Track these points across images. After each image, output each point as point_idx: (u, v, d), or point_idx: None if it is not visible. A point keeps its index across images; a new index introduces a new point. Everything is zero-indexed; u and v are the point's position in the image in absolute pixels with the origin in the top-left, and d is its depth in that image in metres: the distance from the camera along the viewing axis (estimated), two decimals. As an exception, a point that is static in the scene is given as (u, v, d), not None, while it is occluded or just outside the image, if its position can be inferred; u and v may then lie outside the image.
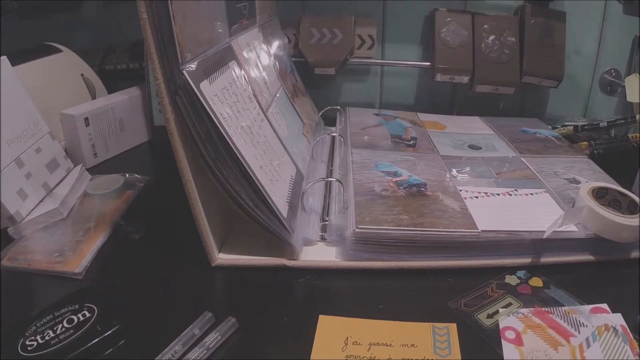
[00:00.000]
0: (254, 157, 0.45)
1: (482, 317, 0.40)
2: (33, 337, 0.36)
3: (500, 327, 0.39)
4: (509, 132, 0.73)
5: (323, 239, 0.50)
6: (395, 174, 0.56)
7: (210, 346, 0.36)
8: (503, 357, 0.36)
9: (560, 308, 0.40)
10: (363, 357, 0.36)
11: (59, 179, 0.60)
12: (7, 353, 0.35)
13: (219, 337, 0.37)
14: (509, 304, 0.41)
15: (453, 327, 0.39)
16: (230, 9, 0.53)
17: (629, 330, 0.38)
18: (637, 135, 0.71)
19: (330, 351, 0.37)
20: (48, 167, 0.58)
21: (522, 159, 0.64)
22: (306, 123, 0.69)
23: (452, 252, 0.46)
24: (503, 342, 0.37)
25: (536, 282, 0.45)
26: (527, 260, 0.47)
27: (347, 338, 0.38)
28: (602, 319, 0.39)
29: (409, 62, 0.85)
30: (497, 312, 0.40)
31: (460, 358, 0.36)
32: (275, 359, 0.37)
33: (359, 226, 0.46)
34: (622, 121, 0.73)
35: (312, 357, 0.36)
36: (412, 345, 0.37)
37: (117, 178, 0.63)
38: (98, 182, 0.62)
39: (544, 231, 0.46)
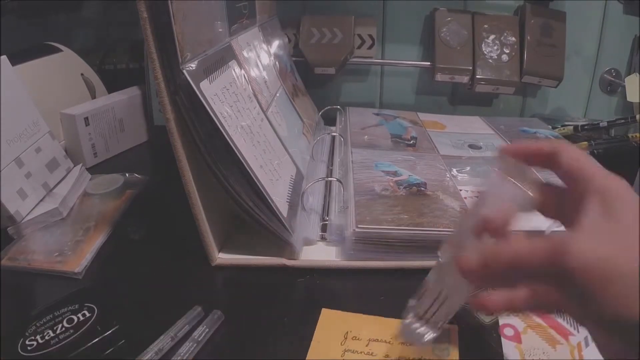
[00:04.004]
0: (254, 157, 0.45)
1: (481, 314, 0.40)
2: (33, 337, 0.36)
3: (500, 325, 0.39)
4: (509, 132, 0.74)
5: (323, 238, 0.50)
6: (395, 174, 0.56)
7: (199, 339, 0.37)
8: (502, 354, 0.36)
9: (560, 308, 0.40)
10: (361, 352, 0.36)
11: (59, 178, 0.60)
12: (7, 353, 0.35)
13: (208, 330, 0.38)
14: (509, 304, 0.41)
15: (454, 329, 0.39)
16: (230, 9, 0.53)
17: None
18: (637, 135, 0.71)
19: (329, 344, 0.37)
20: (48, 166, 0.58)
21: (522, 158, 0.64)
22: (306, 123, 0.69)
23: (452, 251, 0.46)
24: (502, 339, 0.37)
25: (536, 281, 0.44)
26: (527, 260, 0.47)
27: (347, 332, 0.38)
28: (602, 318, 0.39)
29: (409, 62, 0.85)
30: (497, 310, 0.40)
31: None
32: (275, 358, 0.37)
33: (359, 226, 0.46)
34: (622, 121, 0.73)
35: (310, 349, 0.36)
36: (412, 344, 0.37)
37: (117, 178, 0.63)
38: (98, 182, 0.62)
39: (544, 230, 0.46)
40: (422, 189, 0.53)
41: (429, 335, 0.31)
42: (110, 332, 0.37)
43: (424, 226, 0.46)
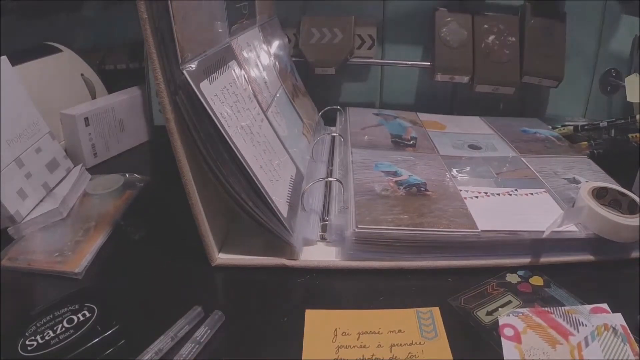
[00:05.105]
0: (254, 157, 0.45)
1: (481, 314, 0.40)
2: (33, 337, 0.36)
3: (499, 325, 0.39)
4: (509, 132, 0.73)
5: (323, 239, 0.50)
6: (395, 174, 0.56)
7: (201, 340, 0.37)
8: (502, 354, 0.36)
9: (560, 308, 0.40)
10: (354, 346, 0.37)
11: (59, 178, 0.60)
12: (7, 353, 0.35)
13: (209, 331, 0.38)
14: (509, 302, 0.42)
15: (436, 310, 0.40)
16: (230, 9, 0.53)
17: (629, 330, 0.38)
18: (637, 135, 0.71)
19: (321, 344, 0.37)
20: (48, 167, 0.58)
21: (522, 158, 0.64)
22: (306, 123, 0.69)
23: (452, 252, 0.46)
24: (502, 339, 0.37)
25: (537, 280, 0.45)
26: (527, 260, 0.47)
27: (336, 329, 0.38)
28: (602, 318, 0.39)
29: (409, 62, 0.85)
30: (496, 309, 0.41)
31: (446, 339, 0.37)
32: (274, 358, 0.37)
33: (359, 226, 0.46)
34: (622, 121, 0.73)
35: (303, 352, 0.37)
36: (400, 330, 0.38)
37: (117, 178, 0.63)
38: (98, 182, 0.62)
39: (544, 231, 0.46)
40: (422, 189, 0.53)
41: None
42: (110, 332, 0.37)
43: (424, 226, 0.46)
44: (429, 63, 0.82)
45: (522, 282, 0.44)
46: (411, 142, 0.68)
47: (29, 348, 0.35)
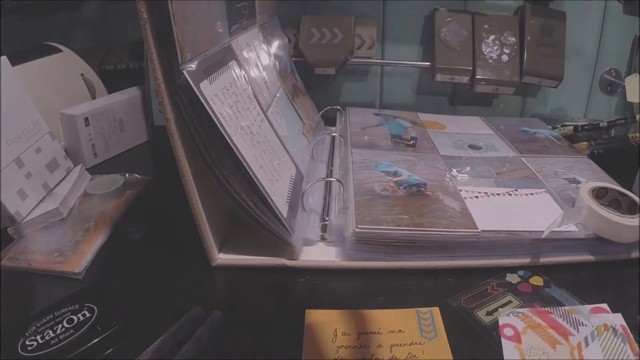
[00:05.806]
0: (254, 157, 0.45)
1: (481, 314, 0.40)
2: (33, 337, 0.36)
3: (499, 325, 0.39)
4: (509, 132, 0.74)
5: (323, 239, 0.50)
6: (395, 174, 0.56)
7: (200, 339, 0.37)
8: (501, 354, 0.36)
9: (560, 308, 0.40)
10: (354, 347, 0.37)
11: (59, 178, 0.60)
12: (7, 353, 0.35)
13: (209, 330, 0.38)
14: (509, 302, 0.42)
15: (436, 310, 0.40)
16: (230, 9, 0.53)
17: (629, 330, 0.38)
18: (637, 135, 0.71)
19: (321, 344, 0.37)
20: (48, 167, 0.58)
21: (522, 158, 0.64)
22: (306, 123, 0.69)
23: (452, 252, 0.46)
24: (502, 339, 0.37)
25: (537, 280, 0.45)
26: (527, 260, 0.47)
27: (336, 329, 0.39)
28: (602, 318, 0.39)
29: (409, 62, 0.85)
30: (496, 309, 0.41)
31: (446, 339, 0.37)
32: (274, 358, 0.37)
33: (359, 226, 0.46)
34: (622, 121, 0.73)
35: (303, 352, 0.37)
36: (400, 330, 0.38)
37: (117, 178, 0.63)
38: (98, 182, 0.62)
39: (544, 231, 0.46)
40: (422, 189, 0.53)
41: None
42: (110, 332, 0.37)
43: (423, 226, 0.46)
44: (429, 63, 0.82)
45: (522, 282, 0.44)
46: (411, 142, 0.68)
47: (29, 348, 0.35)
